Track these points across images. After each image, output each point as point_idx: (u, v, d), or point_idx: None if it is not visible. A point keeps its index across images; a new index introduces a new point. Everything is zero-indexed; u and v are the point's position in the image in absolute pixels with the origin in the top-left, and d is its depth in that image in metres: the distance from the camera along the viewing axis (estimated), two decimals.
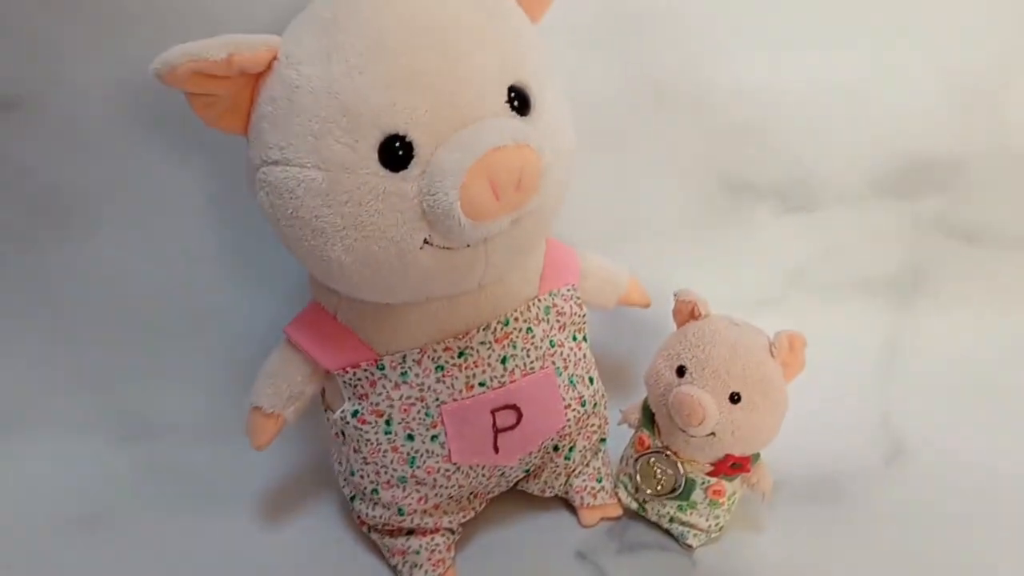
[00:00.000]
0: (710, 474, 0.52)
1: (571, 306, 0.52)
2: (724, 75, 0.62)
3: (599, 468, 0.56)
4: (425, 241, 0.41)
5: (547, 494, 0.56)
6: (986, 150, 0.66)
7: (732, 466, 0.51)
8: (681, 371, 0.51)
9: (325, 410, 0.52)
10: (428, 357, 0.48)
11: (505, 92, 0.42)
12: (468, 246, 0.42)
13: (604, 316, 0.60)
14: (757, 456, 0.53)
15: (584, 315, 0.53)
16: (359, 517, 0.53)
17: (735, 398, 0.49)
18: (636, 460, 0.54)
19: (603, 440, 0.57)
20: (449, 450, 0.49)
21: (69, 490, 0.60)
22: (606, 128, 0.62)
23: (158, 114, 0.56)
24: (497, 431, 0.49)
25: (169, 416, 0.64)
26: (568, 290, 0.52)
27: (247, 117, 0.43)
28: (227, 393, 0.60)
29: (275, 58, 0.41)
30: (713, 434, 0.50)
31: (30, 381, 0.64)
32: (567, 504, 0.57)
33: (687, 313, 0.53)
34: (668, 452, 0.53)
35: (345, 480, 0.52)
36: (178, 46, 0.39)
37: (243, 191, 0.45)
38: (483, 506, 0.54)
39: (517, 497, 0.56)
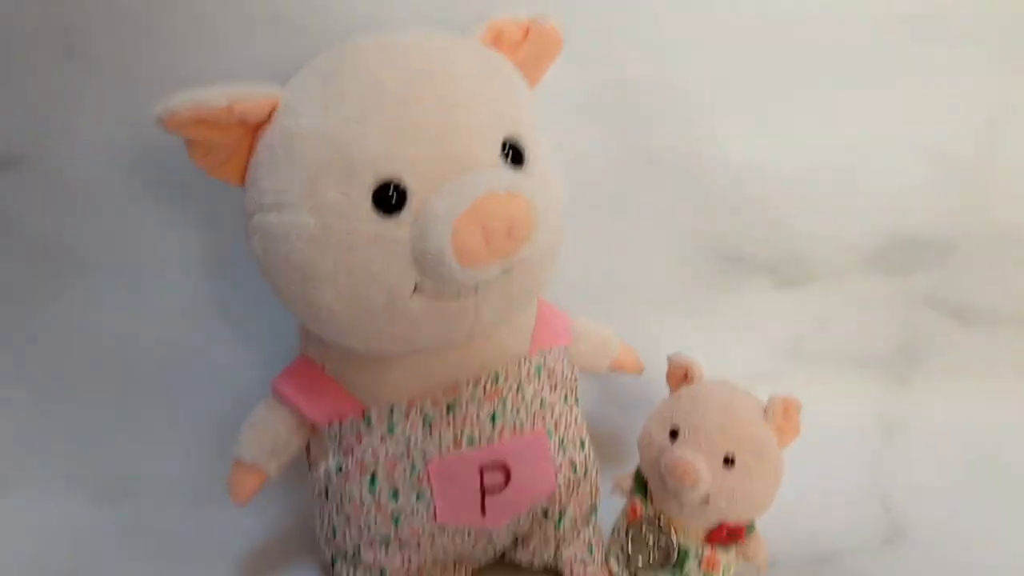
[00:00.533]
0: (705, 543, 0.50)
1: (563, 367, 0.52)
2: (718, 149, 0.63)
3: (590, 538, 0.55)
4: (415, 288, 0.41)
5: (536, 564, 0.54)
6: (974, 227, 0.67)
7: (727, 535, 0.50)
8: (674, 434, 0.50)
9: (309, 467, 0.51)
10: (416, 410, 0.47)
11: (499, 144, 0.42)
12: (458, 295, 0.42)
13: (596, 385, 0.60)
14: (752, 526, 0.51)
15: (576, 378, 0.53)
16: None
17: (729, 461, 0.48)
18: (628, 529, 0.53)
19: (595, 509, 0.55)
20: (435, 509, 0.47)
21: (47, 549, 0.58)
22: (600, 198, 0.63)
23: (150, 173, 0.57)
24: (485, 491, 0.48)
25: (151, 476, 0.63)
26: (560, 351, 0.52)
27: (245, 167, 0.44)
28: (211, 454, 0.58)
29: (275, 109, 0.42)
30: (707, 499, 0.48)
31: (9, 438, 0.62)
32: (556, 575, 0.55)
33: (681, 377, 0.53)
34: (661, 520, 0.51)
35: (327, 541, 0.51)
36: (181, 93, 0.40)
37: (234, 250, 0.46)
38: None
39: (505, 568, 0.54)
